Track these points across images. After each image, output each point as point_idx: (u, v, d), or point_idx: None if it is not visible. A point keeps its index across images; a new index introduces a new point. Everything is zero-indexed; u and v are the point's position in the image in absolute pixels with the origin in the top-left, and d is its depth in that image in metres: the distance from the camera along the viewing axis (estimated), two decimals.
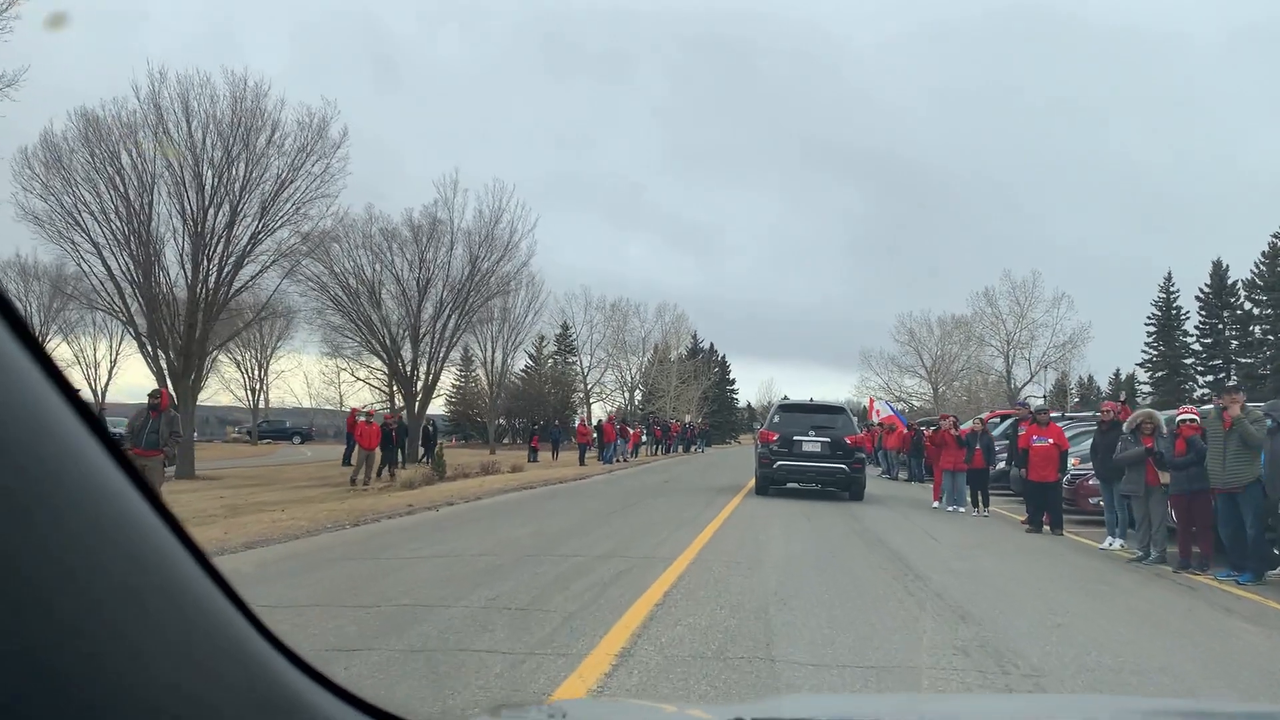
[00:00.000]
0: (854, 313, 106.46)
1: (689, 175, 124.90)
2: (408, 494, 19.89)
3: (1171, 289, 68.22)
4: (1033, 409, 16.62)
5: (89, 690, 0.69)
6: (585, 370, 78.52)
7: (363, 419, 25.85)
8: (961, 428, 18.41)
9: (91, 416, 0.75)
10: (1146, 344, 69.76)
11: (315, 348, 49.38)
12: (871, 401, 57.18)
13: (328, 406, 73.72)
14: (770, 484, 19.35)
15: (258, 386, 67.67)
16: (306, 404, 74.63)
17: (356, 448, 26.41)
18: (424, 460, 35.53)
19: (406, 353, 37.67)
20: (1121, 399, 19.45)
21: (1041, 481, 14.55)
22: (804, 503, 17.96)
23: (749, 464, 35.79)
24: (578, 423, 36.61)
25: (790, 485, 19.62)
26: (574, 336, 77.30)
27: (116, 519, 0.75)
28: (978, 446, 17.21)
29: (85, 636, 0.69)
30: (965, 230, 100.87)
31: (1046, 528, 14.40)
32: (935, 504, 18.60)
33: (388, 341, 35.86)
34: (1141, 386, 71.72)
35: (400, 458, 33.92)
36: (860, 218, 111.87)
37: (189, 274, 27.29)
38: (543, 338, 77.42)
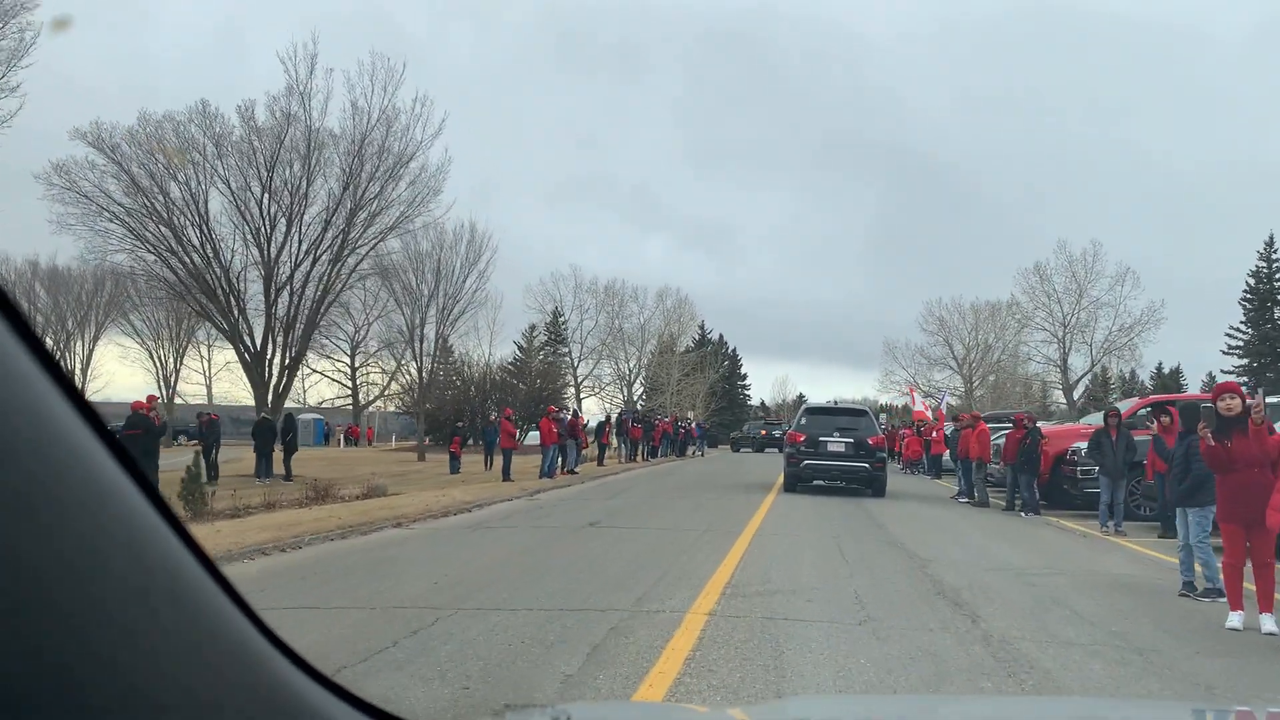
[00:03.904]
0: (871, 310, 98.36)
1: (703, 173, 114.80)
2: None
3: (1274, 255, 56.34)
4: None
5: (93, 690, 0.68)
6: (575, 361, 68.74)
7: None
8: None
9: (95, 417, 0.73)
10: (1235, 325, 58.22)
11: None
12: (912, 391, 45.84)
13: (292, 404, 64.35)
14: (798, 481, 19.66)
15: (173, 379, 56.81)
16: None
17: None
18: (283, 474, 24.76)
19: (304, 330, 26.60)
20: None
21: None
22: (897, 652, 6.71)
23: (754, 474, 25.90)
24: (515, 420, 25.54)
25: (817, 481, 19.75)
26: (563, 323, 67.37)
27: (120, 519, 0.73)
28: None
29: (89, 636, 0.67)
30: (989, 228, 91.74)
31: None
32: (1235, 619, 7.08)
33: (222, 298, 24.19)
34: (1186, 381, 61.00)
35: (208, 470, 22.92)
36: (878, 214, 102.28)
37: None
38: (533, 326, 68.29)
